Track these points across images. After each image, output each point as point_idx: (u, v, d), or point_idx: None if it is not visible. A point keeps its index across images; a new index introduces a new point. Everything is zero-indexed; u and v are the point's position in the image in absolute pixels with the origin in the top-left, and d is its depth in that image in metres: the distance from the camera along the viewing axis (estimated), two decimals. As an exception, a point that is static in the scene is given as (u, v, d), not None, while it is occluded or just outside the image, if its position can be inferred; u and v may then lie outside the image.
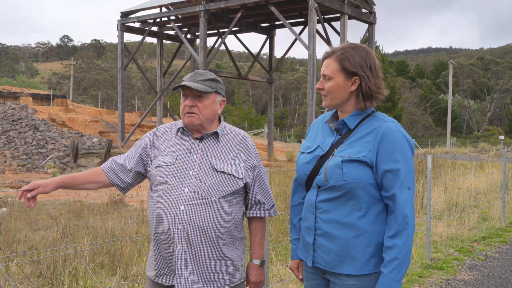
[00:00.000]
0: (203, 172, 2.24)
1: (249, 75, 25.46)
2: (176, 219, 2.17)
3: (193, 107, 2.27)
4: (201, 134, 2.33)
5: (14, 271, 4.95)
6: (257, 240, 2.42)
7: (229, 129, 2.41)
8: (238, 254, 2.32)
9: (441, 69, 78.22)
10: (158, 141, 2.37)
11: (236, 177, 2.26)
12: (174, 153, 2.30)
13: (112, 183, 2.34)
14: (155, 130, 2.43)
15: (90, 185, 2.33)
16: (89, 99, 61.96)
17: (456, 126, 69.52)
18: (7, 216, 8.09)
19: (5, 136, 22.08)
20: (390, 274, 1.96)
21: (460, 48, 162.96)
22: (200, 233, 2.18)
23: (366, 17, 20.56)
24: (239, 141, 2.36)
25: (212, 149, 2.30)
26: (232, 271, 2.28)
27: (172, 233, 2.17)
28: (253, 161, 2.35)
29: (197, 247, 2.18)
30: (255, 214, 2.40)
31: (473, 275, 5.48)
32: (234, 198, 2.28)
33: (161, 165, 2.28)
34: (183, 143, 2.32)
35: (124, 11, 23.60)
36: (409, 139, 2.08)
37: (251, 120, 54.12)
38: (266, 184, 2.42)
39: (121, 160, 2.37)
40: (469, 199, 9.77)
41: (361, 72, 2.07)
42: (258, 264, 2.40)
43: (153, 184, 2.30)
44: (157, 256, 2.27)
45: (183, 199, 2.19)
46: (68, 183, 2.28)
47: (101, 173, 2.34)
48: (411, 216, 1.99)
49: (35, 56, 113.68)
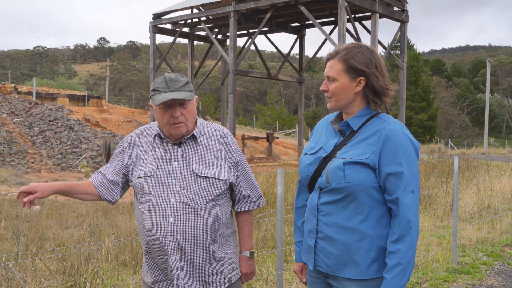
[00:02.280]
0: (186, 179, 2.21)
1: (279, 75, 25.41)
2: (167, 231, 2.16)
3: (180, 116, 2.19)
4: (179, 139, 2.27)
5: (41, 268, 5.08)
6: (245, 233, 2.43)
7: (206, 128, 2.35)
8: (232, 249, 2.34)
9: (479, 68, 76.10)
10: (136, 150, 2.32)
11: (220, 179, 2.24)
12: (154, 162, 2.25)
13: (103, 198, 2.33)
14: (131, 138, 2.37)
15: (86, 196, 2.31)
16: (124, 99, 63.15)
17: (495, 126, 67.45)
18: (39, 213, 8.34)
19: (42, 136, 22.76)
20: (393, 279, 1.91)
21: (500, 45, 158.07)
22: (192, 242, 2.18)
23: (398, 15, 20.19)
24: (218, 139, 2.32)
25: (192, 153, 2.26)
26: (230, 268, 2.31)
27: (164, 245, 2.17)
28: (235, 157, 2.32)
29: (191, 255, 2.19)
30: (243, 209, 2.40)
31: (501, 280, 5.29)
32: (220, 199, 2.27)
33: (142, 175, 2.25)
34: (162, 150, 2.27)
35: (156, 13, 23.95)
36: (413, 141, 2.02)
37: (283, 120, 54.03)
38: (251, 176, 2.40)
39: (110, 176, 2.33)
40: (503, 202, 9.45)
41: (368, 70, 2.02)
42: (248, 255, 2.43)
43: (138, 195, 2.28)
44: (151, 265, 2.28)
45: (171, 210, 2.17)
46: (65, 190, 2.27)
47: (92, 186, 2.32)
48: (415, 221, 1.94)
49: (73, 58, 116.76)
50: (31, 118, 25.03)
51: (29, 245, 5.33)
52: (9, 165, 18.28)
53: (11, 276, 4.53)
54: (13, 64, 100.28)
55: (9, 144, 20.77)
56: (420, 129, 49.33)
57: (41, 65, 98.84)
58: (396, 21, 20.50)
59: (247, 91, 73.17)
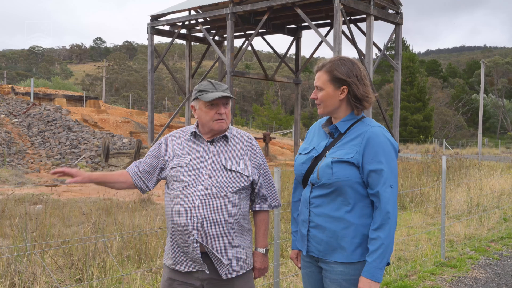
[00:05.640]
0: (215, 171, 2.52)
1: (276, 76, 25.70)
2: (192, 213, 2.45)
3: (223, 114, 2.56)
4: (212, 137, 2.61)
5: (49, 262, 5.33)
6: (262, 231, 2.71)
7: (236, 132, 2.68)
8: (247, 243, 2.61)
9: (474, 68, 76.57)
10: (173, 145, 2.66)
11: (244, 175, 2.54)
12: (188, 155, 2.59)
13: (136, 185, 2.68)
14: (168, 136, 2.73)
15: (120, 184, 2.67)
16: (121, 100, 63.30)
17: (490, 126, 67.94)
18: (42, 212, 8.58)
19: (40, 137, 22.97)
20: (373, 262, 2.21)
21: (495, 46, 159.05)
22: (214, 224, 2.46)
23: (393, 17, 20.52)
24: (246, 143, 2.64)
25: (222, 151, 2.58)
26: (243, 258, 2.57)
27: (188, 225, 2.46)
28: (258, 160, 2.63)
29: (212, 236, 2.46)
30: (260, 208, 2.69)
31: (485, 273, 5.60)
32: (242, 194, 2.56)
33: (176, 166, 2.58)
34: (196, 146, 2.61)
35: (154, 15, 24.20)
36: (393, 143, 2.32)
37: (279, 120, 54.27)
38: (271, 180, 2.70)
39: (146, 167, 2.68)
40: (492, 200, 9.77)
41: (349, 80, 2.33)
42: (262, 252, 2.69)
43: (170, 183, 2.60)
44: (174, 246, 2.56)
45: (198, 195, 2.47)
46: (100, 180, 2.63)
47: (127, 175, 2.68)
48: (393, 212, 2.23)
49: (69, 58, 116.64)
50: (29, 118, 25.23)
51: (37, 241, 5.59)
52: (8, 165, 18.49)
53: (22, 269, 4.78)
54: (9, 64, 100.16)
55: (8, 145, 20.98)
56: (416, 130, 49.73)
57: (36, 65, 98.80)
58: (391, 23, 20.83)
59: (244, 92, 73.44)
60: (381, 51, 21.24)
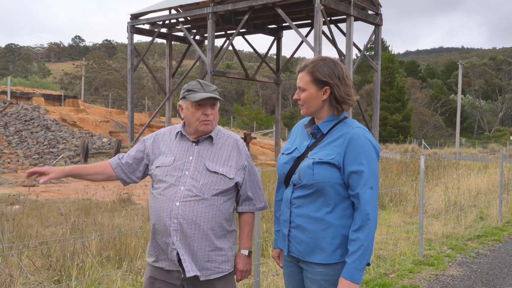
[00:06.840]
0: (197, 172, 2.50)
1: (257, 76, 25.73)
2: (172, 214, 2.44)
3: (209, 115, 2.53)
4: (198, 138, 2.59)
5: (26, 264, 5.24)
6: (246, 233, 2.69)
7: (222, 133, 2.67)
8: (229, 245, 2.58)
9: (452, 69, 77.82)
10: (159, 143, 2.65)
11: (227, 177, 2.52)
12: (172, 155, 2.57)
13: (118, 177, 2.65)
14: (156, 134, 2.72)
15: (99, 176, 2.64)
16: (100, 99, 62.55)
17: (467, 126, 69.11)
18: (20, 213, 8.44)
19: (18, 136, 22.58)
20: (353, 263, 2.21)
21: (473, 47, 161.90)
22: (193, 226, 2.44)
23: (372, 18, 20.73)
24: (232, 144, 2.63)
25: (207, 152, 2.57)
26: (224, 260, 2.55)
27: (168, 226, 2.44)
28: (243, 161, 2.61)
29: (190, 239, 2.44)
30: (245, 210, 2.68)
31: (462, 271, 5.71)
32: (225, 196, 2.54)
33: (161, 165, 2.57)
34: (181, 146, 2.60)
35: (134, 13, 23.99)
36: (374, 144, 2.32)
37: (260, 120, 54.33)
38: (257, 182, 2.69)
39: (129, 160, 2.66)
40: (469, 199, 9.95)
41: (331, 81, 2.33)
42: (245, 254, 2.67)
43: (154, 182, 2.59)
44: (155, 245, 2.56)
45: (179, 196, 2.46)
46: (76, 173, 2.60)
47: (108, 166, 2.65)
48: (373, 213, 2.23)
49: (47, 56, 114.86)
50: (6, 118, 24.77)
51: (14, 242, 5.49)
52: (-16, 165, 18.12)
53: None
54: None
55: (-16, 144, 20.56)
56: (395, 129, 50.32)
57: (13, 63, 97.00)
58: (371, 24, 21.04)
59: (225, 91, 73.30)
60: (361, 52, 21.44)
